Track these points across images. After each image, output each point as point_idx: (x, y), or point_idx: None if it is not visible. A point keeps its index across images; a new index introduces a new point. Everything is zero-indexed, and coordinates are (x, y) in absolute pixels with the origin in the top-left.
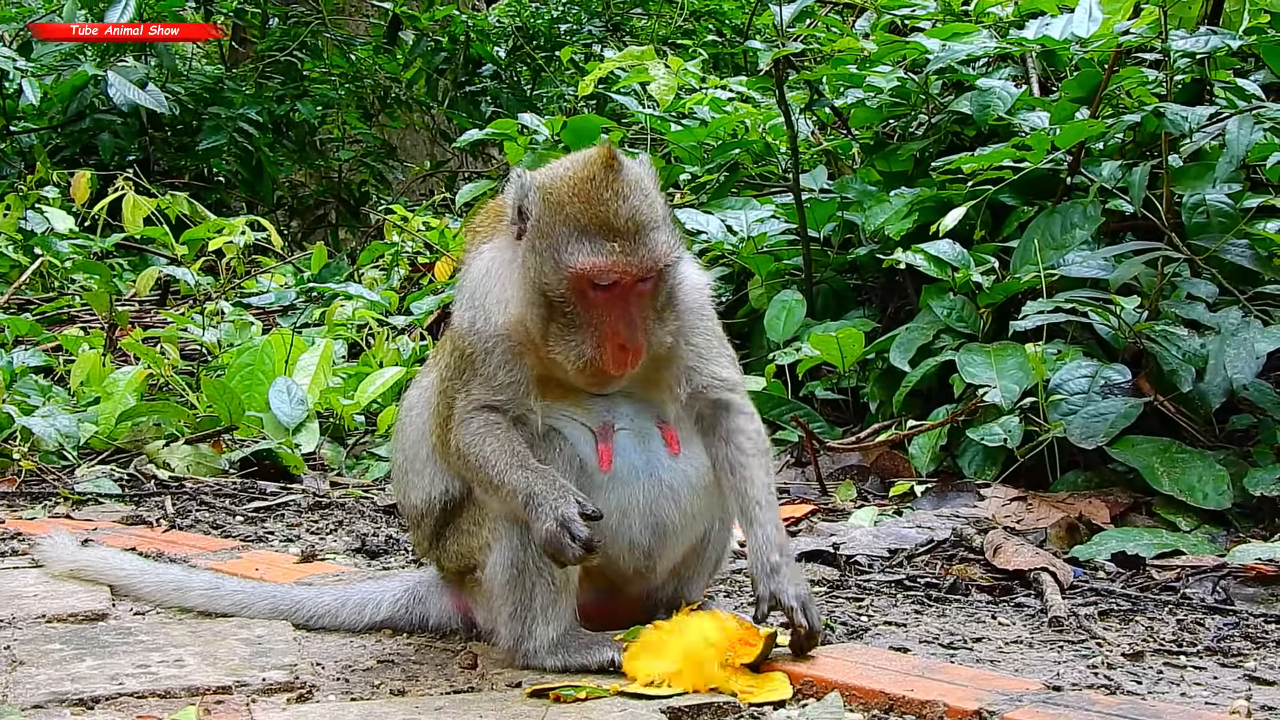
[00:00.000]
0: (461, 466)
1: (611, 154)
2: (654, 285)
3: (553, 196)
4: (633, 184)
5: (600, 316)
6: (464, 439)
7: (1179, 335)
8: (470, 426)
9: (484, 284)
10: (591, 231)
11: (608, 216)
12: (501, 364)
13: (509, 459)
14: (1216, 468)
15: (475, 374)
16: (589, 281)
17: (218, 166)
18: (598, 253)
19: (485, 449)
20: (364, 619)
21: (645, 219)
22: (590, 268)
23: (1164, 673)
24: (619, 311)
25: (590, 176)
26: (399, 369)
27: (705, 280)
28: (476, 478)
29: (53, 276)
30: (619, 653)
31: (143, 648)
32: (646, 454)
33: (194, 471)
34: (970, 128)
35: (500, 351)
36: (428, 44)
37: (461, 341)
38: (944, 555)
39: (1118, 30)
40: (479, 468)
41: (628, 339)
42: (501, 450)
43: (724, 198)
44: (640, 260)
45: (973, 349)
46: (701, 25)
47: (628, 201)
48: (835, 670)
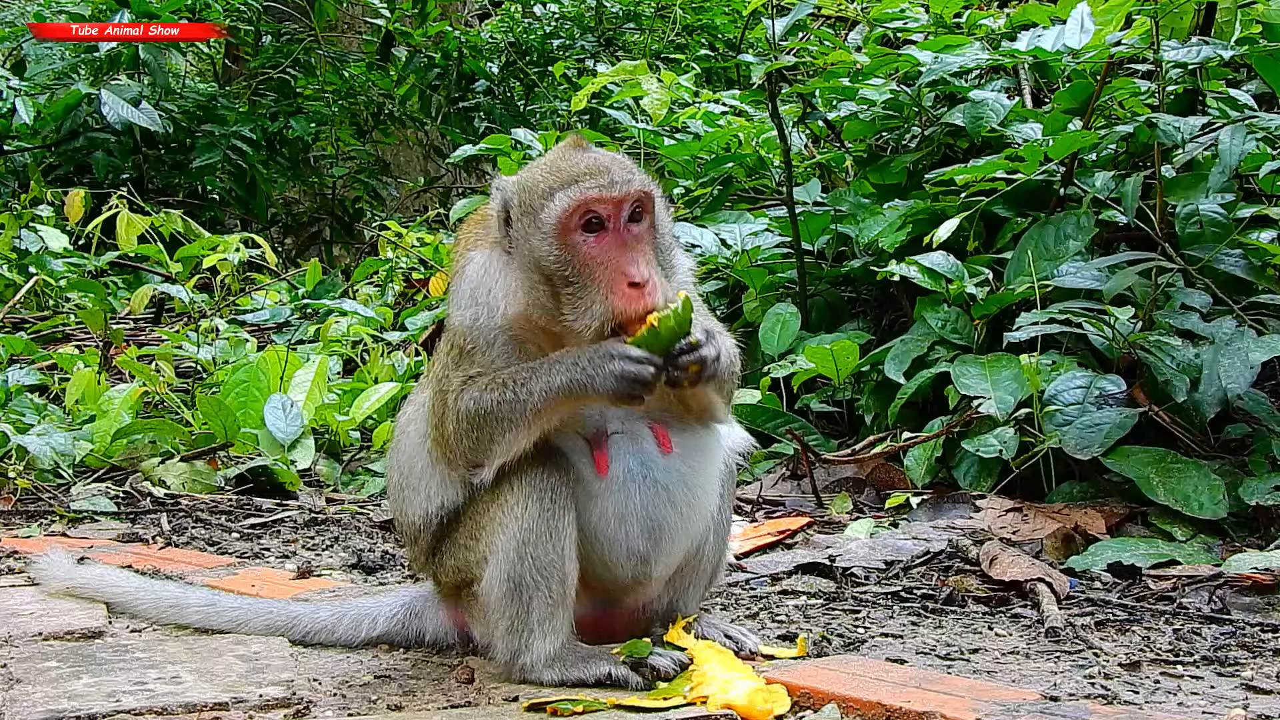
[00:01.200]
0: (471, 431)
1: (579, 139)
2: (649, 230)
3: (528, 183)
4: (604, 151)
5: (603, 266)
6: (465, 403)
7: (1173, 345)
8: (470, 390)
9: (484, 283)
10: (564, 183)
11: (578, 169)
12: (501, 354)
13: (522, 376)
14: (1212, 477)
15: (473, 364)
16: (577, 228)
17: (211, 184)
18: (573, 193)
19: (492, 393)
20: (360, 634)
21: (619, 162)
22: (570, 206)
23: (1161, 682)
24: (618, 251)
25: (559, 154)
26: (394, 385)
27: (689, 263)
28: (495, 423)
29: (47, 295)
30: (616, 666)
31: (140, 665)
32: (640, 456)
33: (190, 489)
34: (963, 140)
35: (502, 343)
36: (421, 60)
37: (461, 339)
38: (940, 567)
39: (1110, 41)
40: (492, 410)
41: (636, 273)
42: (510, 380)
43: (718, 211)
44: (620, 188)
45: (967, 360)
46: (694, 40)
47: (595, 155)
48: (832, 682)
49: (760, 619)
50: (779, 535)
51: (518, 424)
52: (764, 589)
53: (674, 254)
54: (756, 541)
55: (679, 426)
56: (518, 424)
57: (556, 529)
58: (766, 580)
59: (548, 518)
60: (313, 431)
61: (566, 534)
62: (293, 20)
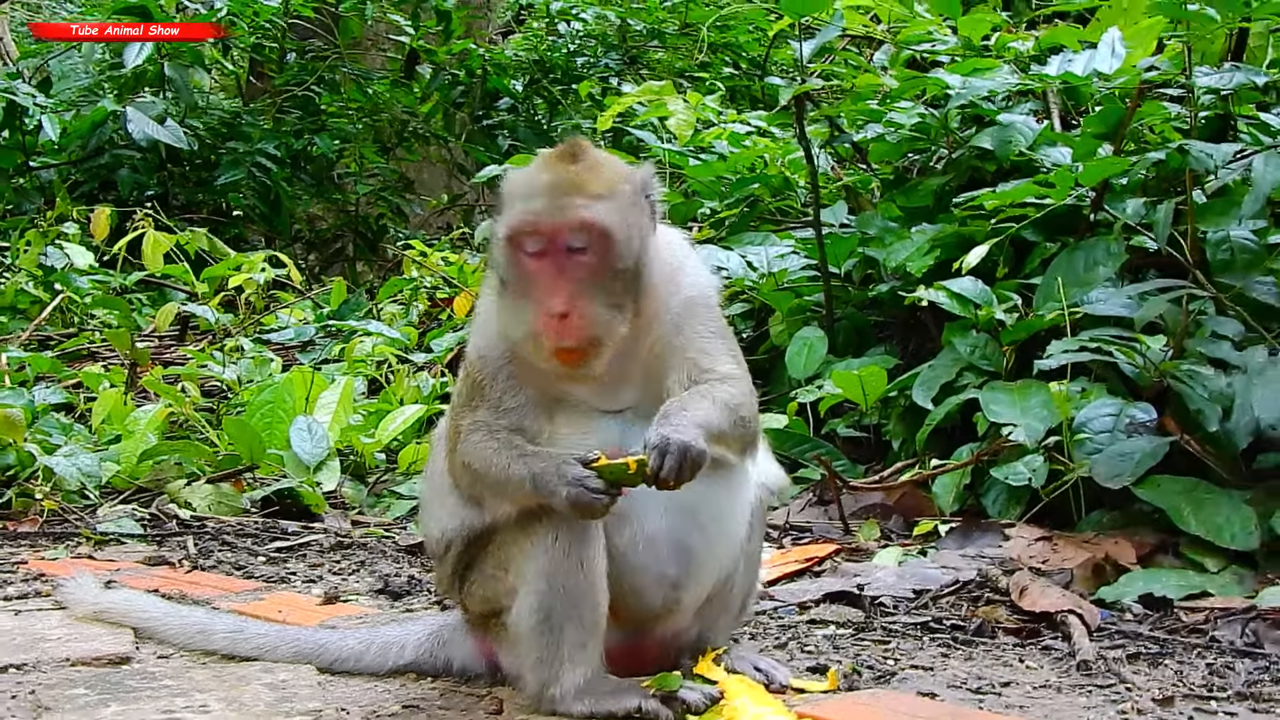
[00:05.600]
0: (469, 480)
1: (577, 142)
2: (599, 262)
3: (508, 186)
4: (589, 163)
5: (536, 287)
6: (467, 451)
7: (1205, 374)
8: (472, 439)
9: (492, 309)
10: (518, 197)
11: (540, 182)
12: (507, 389)
13: (509, 454)
14: (1244, 508)
15: (484, 400)
16: (519, 244)
17: (235, 201)
18: (522, 211)
19: (486, 453)
20: (388, 663)
21: (584, 185)
22: (514, 224)
23: (1195, 718)
24: (551, 277)
25: (543, 161)
26: (420, 406)
27: (711, 282)
28: (484, 484)
29: (72, 313)
30: (646, 700)
31: (168, 693)
32: None
33: (215, 511)
34: (991, 163)
35: (505, 376)
36: (445, 78)
37: (472, 369)
38: (969, 596)
39: (1141, 66)
40: (483, 473)
41: (558, 305)
42: (501, 449)
43: (743, 233)
44: (564, 217)
45: (996, 387)
46: (718, 58)
47: (568, 170)
48: (865, 718)
49: (789, 649)
50: (806, 563)
51: (500, 495)
52: (792, 618)
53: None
54: (784, 569)
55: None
56: (500, 495)
57: (587, 557)
58: (794, 609)
59: (578, 547)
60: (338, 453)
61: (597, 562)
62: (317, 38)
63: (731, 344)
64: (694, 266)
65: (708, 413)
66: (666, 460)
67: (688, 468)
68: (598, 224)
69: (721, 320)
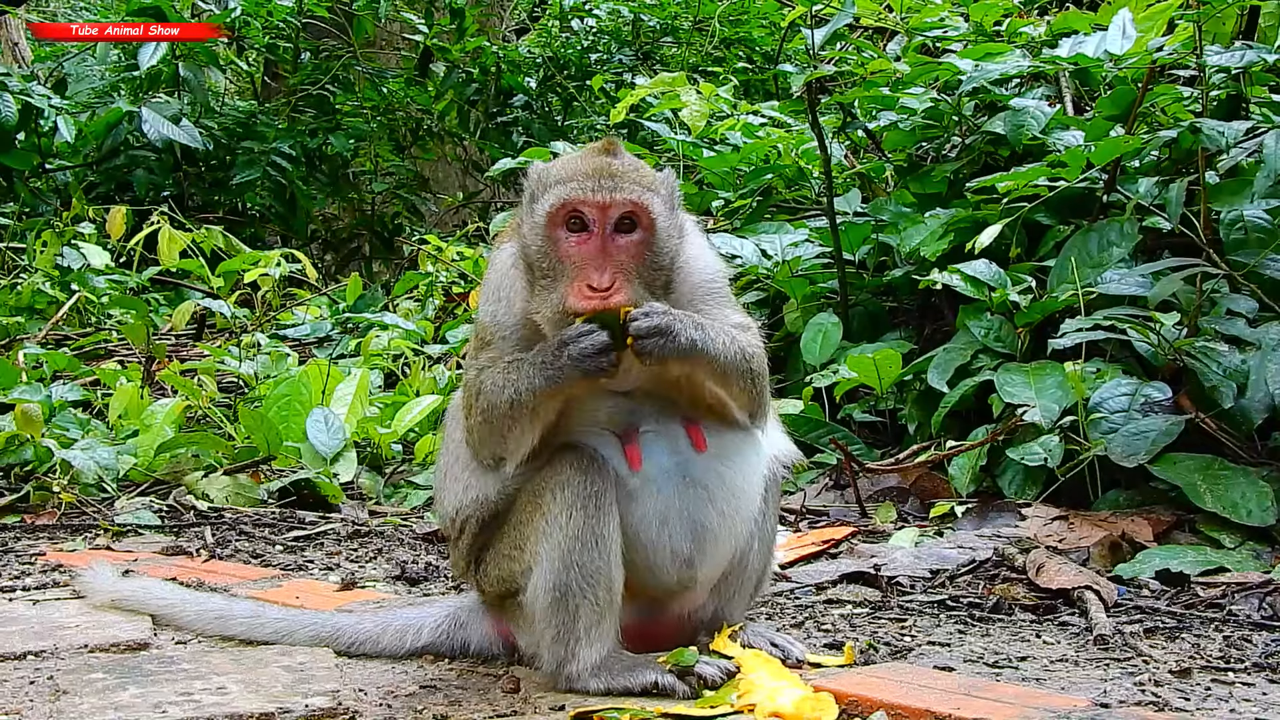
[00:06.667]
0: (485, 427)
1: (613, 141)
2: (639, 244)
3: (543, 173)
4: (629, 160)
5: (574, 265)
6: (483, 385)
7: (1219, 351)
8: (485, 374)
9: (510, 275)
10: (562, 179)
11: (585, 168)
12: (514, 349)
13: (517, 369)
14: (1259, 484)
15: (493, 348)
16: (561, 221)
17: (251, 200)
18: (562, 191)
19: (497, 379)
20: (405, 645)
21: (626, 172)
22: (558, 202)
23: (1212, 689)
24: (593, 255)
25: (582, 153)
26: (435, 398)
27: (721, 267)
28: (500, 413)
29: (89, 312)
30: (662, 675)
31: (185, 676)
32: (675, 455)
33: (233, 502)
34: (1004, 148)
35: (517, 339)
36: (459, 76)
37: (484, 331)
38: (986, 575)
39: (1152, 47)
40: (498, 400)
41: (596, 278)
42: (510, 368)
43: (758, 222)
44: (609, 195)
45: (1011, 369)
46: (731, 52)
47: (610, 160)
48: (880, 689)
49: (806, 628)
50: (823, 545)
51: (519, 420)
52: (809, 598)
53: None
54: (801, 551)
55: (714, 427)
56: (519, 420)
57: (602, 535)
58: (811, 589)
59: (592, 524)
60: (355, 445)
61: (612, 539)
62: (331, 37)
63: (743, 313)
64: (707, 252)
65: (711, 328)
66: (649, 318)
67: (669, 341)
68: (649, 209)
69: (733, 298)
